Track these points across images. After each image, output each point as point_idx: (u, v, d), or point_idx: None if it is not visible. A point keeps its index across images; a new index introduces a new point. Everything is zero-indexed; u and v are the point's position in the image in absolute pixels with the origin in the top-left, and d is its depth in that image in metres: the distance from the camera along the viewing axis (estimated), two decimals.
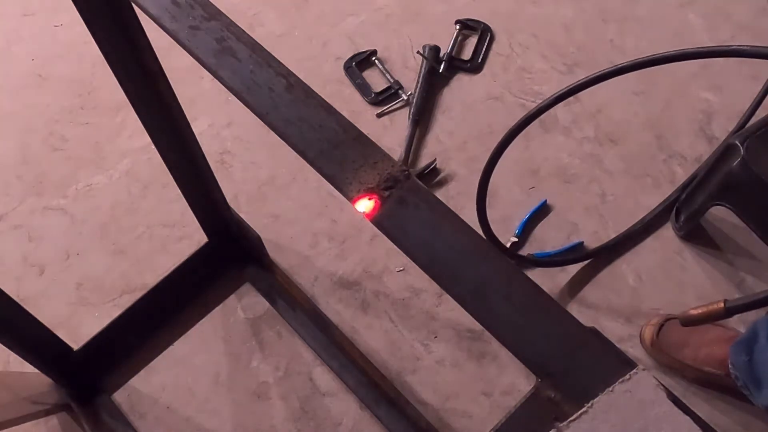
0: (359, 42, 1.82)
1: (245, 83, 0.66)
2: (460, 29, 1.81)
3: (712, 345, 1.27)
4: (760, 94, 1.51)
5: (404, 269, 1.46)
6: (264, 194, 1.59)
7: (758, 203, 1.23)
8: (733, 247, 1.46)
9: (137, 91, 0.93)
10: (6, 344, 1.09)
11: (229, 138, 1.68)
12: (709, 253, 1.46)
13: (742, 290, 1.42)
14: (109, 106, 1.74)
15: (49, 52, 1.86)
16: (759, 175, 1.18)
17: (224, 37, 0.69)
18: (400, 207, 0.59)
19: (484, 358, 1.37)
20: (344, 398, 1.33)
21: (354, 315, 1.43)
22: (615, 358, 0.52)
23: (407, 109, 1.69)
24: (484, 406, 1.32)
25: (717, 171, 1.30)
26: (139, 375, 1.38)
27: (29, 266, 1.52)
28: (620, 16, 1.82)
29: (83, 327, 1.42)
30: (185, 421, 1.34)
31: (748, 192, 1.23)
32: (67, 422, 1.32)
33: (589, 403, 0.49)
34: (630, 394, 0.50)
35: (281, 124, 0.64)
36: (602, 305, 1.41)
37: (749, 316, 1.33)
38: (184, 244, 1.52)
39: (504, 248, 1.42)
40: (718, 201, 1.30)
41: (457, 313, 1.40)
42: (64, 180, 1.64)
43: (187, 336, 1.41)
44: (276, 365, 1.38)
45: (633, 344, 1.36)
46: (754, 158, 1.19)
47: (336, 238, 1.52)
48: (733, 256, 1.45)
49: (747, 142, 1.20)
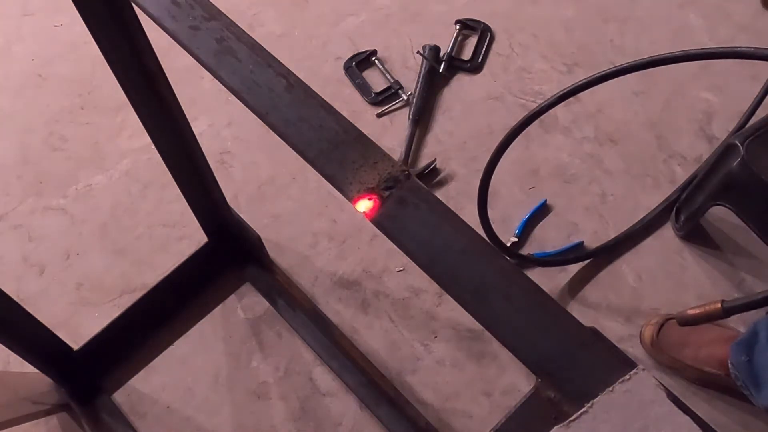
0: (359, 42, 1.82)
1: (245, 83, 0.66)
2: (460, 29, 1.81)
3: (712, 345, 1.27)
4: (760, 94, 1.51)
5: (404, 269, 1.46)
6: (264, 194, 1.59)
7: (758, 203, 1.23)
8: (733, 247, 1.46)
9: (137, 91, 0.93)
10: (6, 344, 1.10)
11: (229, 138, 1.68)
12: (709, 253, 1.46)
13: (742, 290, 1.42)
14: (109, 106, 1.74)
15: (49, 52, 1.86)
16: (759, 175, 1.18)
17: (224, 37, 0.69)
18: (400, 207, 0.59)
19: (484, 358, 1.36)
20: (344, 398, 1.33)
21: (354, 315, 1.43)
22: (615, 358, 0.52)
23: (407, 109, 1.69)
24: (484, 406, 1.32)
25: (717, 171, 1.30)
26: (139, 375, 1.38)
27: (29, 266, 1.52)
28: (620, 16, 1.82)
29: (83, 327, 1.42)
30: (185, 421, 1.34)
31: (748, 192, 1.23)
32: (67, 422, 1.32)
33: (589, 403, 0.50)
34: (630, 394, 0.50)
35: (281, 124, 0.64)
36: (602, 305, 1.41)
37: (750, 316, 1.33)
38: (184, 244, 1.52)
39: (504, 248, 1.42)
40: (718, 201, 1.30)
41: (457, 313, 1.40)
42: (64, 180, 1.64)
43: (187, 336, 1.41)
44: (276, 365, 1.38)
45: (633, 344, 1.36)
46: (754, 158, 1.19)
47: (336, 238, 1.52)
48: (732, 256, 1.45)
49: (747, 142, 1.20)
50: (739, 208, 1.27)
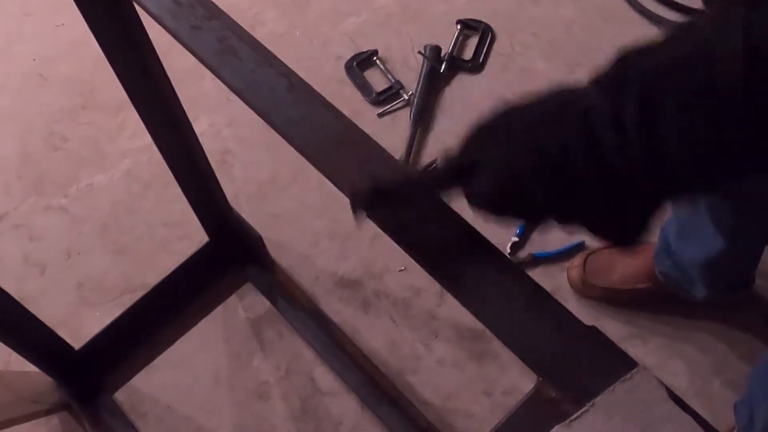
0: (360, 42, 1.82)
1: (247, 83, 0.66)
2: (461, 29, 1.81)
3: (637, 261, 1.33)
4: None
5: (405, 269, 1.46)
6: (265, 194, 1.59)
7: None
8: None
9: (138, 91, 0.93)
10: (7, 343, 1.10)
11: (230, 137, 1.68)
12: None
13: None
14: (110, 106, 1.74)
15: (50, 52, 1.86)
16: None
17: (225, 37, 0.69)
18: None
19: (485, 358, 1.36)
20: (345, 398, 1.33)
21: (355, 314, 1.43)
22: (616, 357, 0.52)
23: (408, 109, 1.69)
24: (485, 406, 1.32)
25: None
26: (140, 374, 1.38)
27: (30, 266, 1.52)
28: (621, 16, 1.82)
29: (84, 326, 1.42)
30: (186, 420, 1.34)
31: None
32: (67, 422, 1.32)
33: (590, 402, 0.50)
34: (631, 394, 0.50)
35: (283, 123, 0.64)
36: (603, 304, 1.41)
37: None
38: (185, 243, 1.52)
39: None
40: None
41: (458, 313, 1.40)
42: (65, 179, 1.64)
43: (187, 335, 1.41)
44: (277, 365, 1.38)
45: (634, 344, 1.36)
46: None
47: (337, 237, 1.52)
48: None
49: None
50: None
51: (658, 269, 1.28)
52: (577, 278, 1.38)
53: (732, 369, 1.31)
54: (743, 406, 1.05)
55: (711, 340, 1.35)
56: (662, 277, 1.28)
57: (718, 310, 1.35)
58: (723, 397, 1.28)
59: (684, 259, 1.19)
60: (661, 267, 1.27)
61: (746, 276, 1.26)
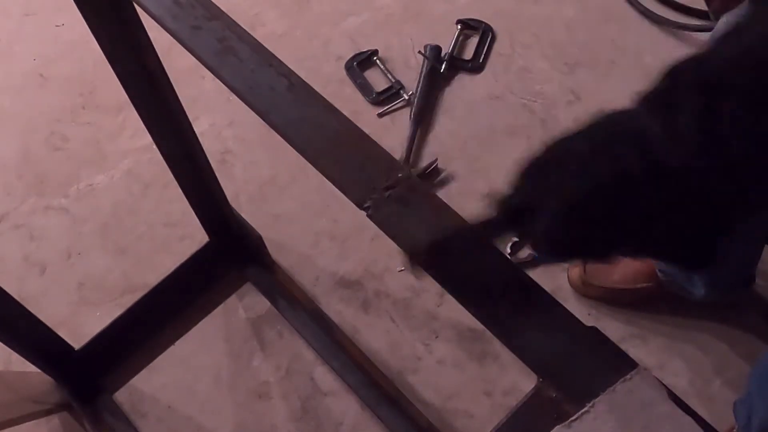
0: (360, 42, 1.82)
1: (247, 83, 0.66)
2: (461, 29, 1.81)
3: (637, 261, 1.32)
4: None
5: (405, 269, 1.46)
6: (265, 194, 1.59)
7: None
8: None
9: (138, 91, 0.93)
10: (7, 343, 1.10)
11: (231, 137, 1.68)
12: None
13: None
14: (111, 106, 1.74)
15: (51, 52, 1.86)
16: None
17: (226, 37, 0.69)
18: (402, 206, 0.59)
19: (486, 358, 1.36)
20: (345, 398, 1.33)
21: (355, 315, 1.43)
22: (616, 358, 0.52)
23: (408, 109, 1.68)
24: (486, 406, 1.32)
25: None
26: (141, 374, 1.38)
27: (30, 266, 1.52)
28: (621, 16, 1.82)
29: (84, 326, 1.42)
30: (186, 420, 1.34)
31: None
32: (68, 422, 1.32)
33: (590, 402, 0.50)
34: (631, 394, 0.50)
35: (283, 123, 0.64)
36: (603, 305, 1.41)
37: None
38: (186, 243, 1.52)
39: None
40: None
41: (459, 313, 1.39)
42: (66, 180, 1.64)
43: (188, 335, 1.41)
44: (277, 365, 1.38)
45: (634, 344, 1.36)
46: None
47: (337, 237, 1.52)
48: None
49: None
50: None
51: (658, 267, 1.28)
52: (577, 278, 1.38)
53: (732, 369, 1.31)
54: (742, 406, 1.05)
55: (711, 340, 1.35)
56: (663, 277, 1.28)
57: (718, 310, 1.35)
58: (723, 397, 1.28)
59: None
60: (662, 266, 1.27)
61: (746, 276, 1.26)
